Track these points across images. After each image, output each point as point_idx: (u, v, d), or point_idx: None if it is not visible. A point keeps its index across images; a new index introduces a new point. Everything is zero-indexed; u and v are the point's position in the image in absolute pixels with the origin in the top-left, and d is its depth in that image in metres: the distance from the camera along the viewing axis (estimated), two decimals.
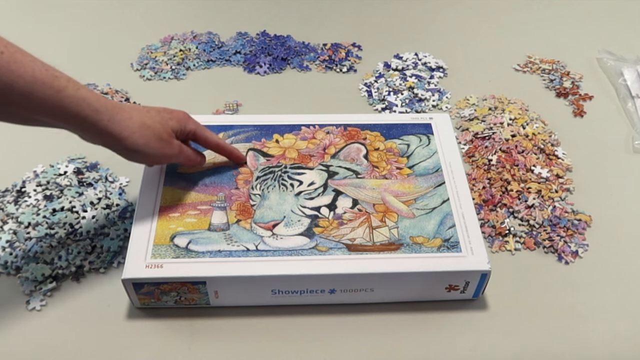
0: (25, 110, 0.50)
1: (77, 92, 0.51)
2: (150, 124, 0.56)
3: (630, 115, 0.85)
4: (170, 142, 0.59)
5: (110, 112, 0.53)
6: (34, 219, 0.67)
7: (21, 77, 0.47)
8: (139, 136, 0.55)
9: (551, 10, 1.07)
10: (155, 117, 0.57)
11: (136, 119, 0.55)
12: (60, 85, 0.49)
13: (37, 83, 0.48)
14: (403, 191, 0.65)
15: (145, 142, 0.56)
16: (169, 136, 0.59)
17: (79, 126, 0.53)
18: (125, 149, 0.56)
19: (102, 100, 0.53)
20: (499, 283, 0.63)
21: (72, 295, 0.62)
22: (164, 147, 0.58)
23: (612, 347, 0.59)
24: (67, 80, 0.50)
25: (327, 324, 0.60)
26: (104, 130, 0.53)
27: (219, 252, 0.59)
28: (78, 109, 0.51)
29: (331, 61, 0.93)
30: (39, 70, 0.48)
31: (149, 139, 0.56)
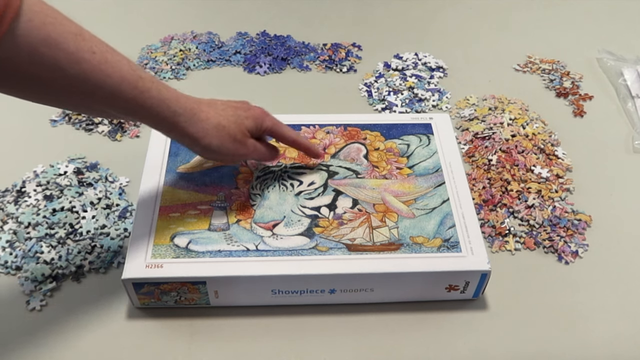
0: (109, 107, 0.51)
1: (159, 94, 0.52)
2: (225, 124, 0.57)
3: (630, 115, 0.85)
4: (244, 142, 0.59)
5: (188, 113, 0.55)
6: (34, 219, 0.67)
7: (110, 77, 0.48)
8: (214, 137, 0.56)
9: (551, 10, 1.07)
10: (231, 117, 0.58)
11: (213, 119, 0.56)
12: (144, 86, 0.51)
13: (123, 83, 0.49)
14: (403, 191, 0.65)
15: (220, 143, 0.57)
16: (244, 136, 0.59)
17: (157, 125, 0.55)
18: (201, 149, 0.57)
19: (182, 101, 0.54)
20: (499, 283, 0.63)
21: (72, 295, 0.62)
22: (237, 148, 0.59)
23: (612, 347, 0.59)
24: (151, 81, 0.52)
25: (327, 324, 0.60)
26: (181, 131, 0.55)
27: (219, 252, 0.59)
28: (158, 110, 0.52)
29: (331, 61, 0.93)
30: (126, 71, 0.50)
31: (224, 140, 0.57)
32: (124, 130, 0.80)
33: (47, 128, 0.80)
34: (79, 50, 0.46)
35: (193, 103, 0.56)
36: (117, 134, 0.80)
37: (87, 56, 0.47)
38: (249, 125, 0.60)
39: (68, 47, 0.45)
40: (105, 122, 0.81)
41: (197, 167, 0.67)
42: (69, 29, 0.46)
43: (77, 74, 0.47)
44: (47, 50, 0.45)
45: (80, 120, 0.81)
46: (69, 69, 0.46)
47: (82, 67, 0.47)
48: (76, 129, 0.80)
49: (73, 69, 0.46)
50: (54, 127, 0.81)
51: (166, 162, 0.67)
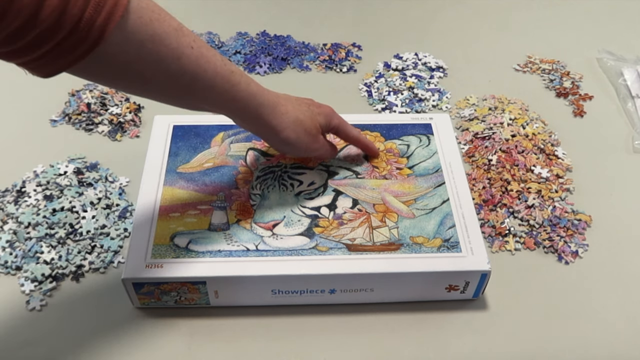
0: (202, 101, 0.54)
1: (248, 87, 0.55)
2: (302, 118, 0.60)
3: (630, 115, 0.85)
4: (317, 137, 0.62)
5: (271, 106, 0.57)
6: (34, 219, 0.67)
7: (206, 71, 0.50)
8: (292, 131, 0.59)
9: (551, 10, 1.07)
10: (306, 112, 0.61)
11: (291, 114, 0.59)
12: (235, 80, 0.53)
13: (217, 77, 0.52)
14: (403, 191, 0.65)
15: (297, 137, 0.60)
16: (317, 131, 0.62)
17: (243, 117, 0.57)
18: (279, 141, 0.60)
19: (266, 94, 0.57)
20: (499, 283, 0.63)
21: (72, 295, 0.62)
22: (311, 142, 0.61)
23: (612, 347, 0.59)
24: (240, 74, 0.54)
25: (327, 324, 0.60)
26: (264, 123, 0.57)
27: (219, 252, 0.59)
28: (247, 103, 0.55)
29: (331, 61, 0.93)
30: (220, 65, 0.52)
31: (300, 134, 0.60)
32: (124, 130, 0.80)
33: (47, 128, 0.80)
34: (180, 45, 0.48)
35: (274, 97, 0.58)
36: (117, 134, 0.80)
37: (186, 51, 0.49)
38: (321, 121, 0.63)
39: (170, 42, 0.47)
40: (105, 122, 0.81)
41: (197, 167, 0.67)
42: (172, 25, 0.48)
43: (177, 68, 0.48)
44: (153, 46, 0.46)
45: (80, 120, 0.81)
46: (170, 64, 0.48)
47: (182, 61, 0.49)
48: (76, 129, 0.80)
49: (174, 64, 0.48)
50: (54, 127, 0.81)
51: (166, 162, 0.67)
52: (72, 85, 0.85)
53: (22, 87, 0.86)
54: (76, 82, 0.86)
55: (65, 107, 0.83)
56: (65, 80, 0.85)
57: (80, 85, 0.86)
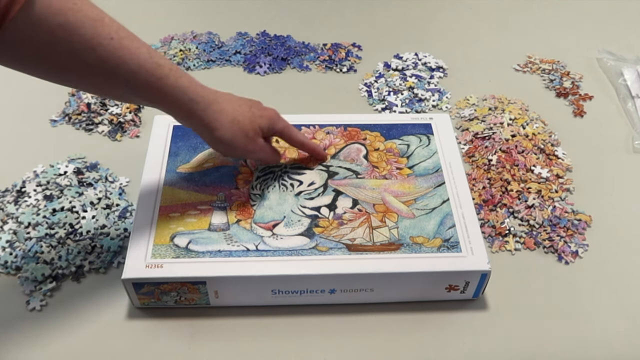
0: (128, 93, 0.53)
1: (177, 81, 0.54)
2: (240, 119, 0.59)
3: (630, 115, 0.85)
4: (254, 139, 0.61)
5: (205, 102, 0.56)
6: (34, 219, 0.67)
7: (126, 63, 0.50)
8: (227, 130, 0.58)
9: (551, 10, 1.07)
10: (246, 114, 0.60)
11: (229, 113, 0.58)
12: (162, 73, 0.52)
13: (141, 70, 0.51)
14: (403, 191, 0.65)
15: (232, 137, 0.59)
16: (255, 134, 0.61)
17: (175, 112, 0.56)
18: (212, 139, 0.59)
19: (199, 90, 0.56)
20: (499, 283, 0.63)
21: (72, 295, 0.62)
22: (247, 144, 0.60)
23: (612, 347, 0.59)
24: (170, 68, 0.53)
25: (327, 324, 0.60)
26: (197, 119, 0.57)
27: (219, 252, 0.59)
28: (175, 97, 0.54)
29: (331, 61, 0.93)
30: (144, 58, 0.51)
31: (236, 135, 0.59)
32: (124, 130, 0.80)
33: (47, 128, 0.81)
34: (96, 36, 0.48)
35: (210, 94, 0.57)
36: (117, 134, 0.80)
37: (104, 42, 0.48)
38: (262, 125, 0.62)
39: (85, 32, 0.47)
40: (105, 122, 0.81)
41: (197, 167, 0.67)
42: (89, 15, 0.48)
43: (94, 59, 0.48)
44: (65, 35, 0.46)
45: (80, 120, 0.81)
46: (86, 54, 0.48)
47: (99, 52, 0.48)
48: (76, 129, 0.80)
49: (90, 54, 0.48)
50: (54, 127, 0.81)
51: (166, 162, 0.67)
52: None
53: (22, 87, 0.86)
54: None
55: (65, 107, 0.83)
56: None
57: None
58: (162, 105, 0.55)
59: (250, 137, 0.60)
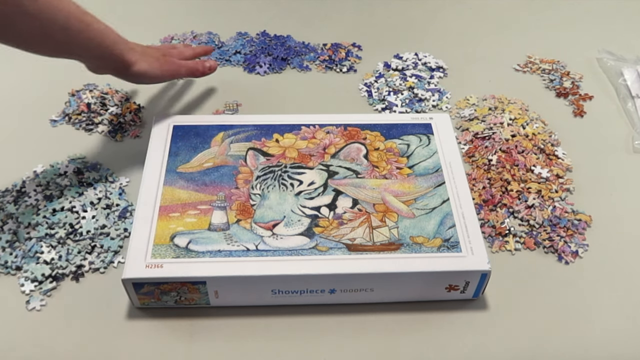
0: (60, 43, 0.61)
1: (99, 26, 0.64)
2: (148, 51, 0.72)
3: (630, 115, 0.85)
4: (167, 59, 0.73)
5: (123, 42, 0.67)
6: (34, 219, 0.67)
7: (60, 11, 0.59)
8: (143, 62, 0.69)
9: (551, 10, 1.07)
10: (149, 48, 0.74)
11: (139, 48, 0.70)
12: (88, 20, 0.62)
13: (71, 18, 0.60)
14: (403, 191, 0.65)
15: (149, 65, 0.70)
16: (165, 57, 0.74)
17: (98, 54, 0.65)
18: (133, 74, 0.69)
19: (115, 33, 0.66)
20: (499, 283, 0.63)
21: (72, 295, 0.62)
22: (163, 65, 0.72)
23: (612, 347, 0.59)
24: (92, 16, 0.63)
25: (327, 324, 0.60)
26: (118, 57, 0.66)
27: (219, 252, 0.59)
28: (101, 40, 0.64)
29: (331, 61, 0.93)
30: (73, 8, 0.60)
31: (151, 62, 0.70)
32: (124, 130, 0.80)
33: (47, 128, 0.80)
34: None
35: (121, 36, 0.68)
36: (117, 134, 0.80)
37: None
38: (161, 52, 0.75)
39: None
40: (105, 122, 0.81)
41: (197, 167, 0.67)
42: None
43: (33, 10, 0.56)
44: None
45: (80, 120, 0.81)
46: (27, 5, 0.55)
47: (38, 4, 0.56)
48: (76, 129, 0.80)
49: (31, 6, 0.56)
50: (54, 127, 0.81)
51: (166, 162, 0.68)
52: (72, 85, 0.86)
53: (22, 87, 0.86)
54: (76, 82, 0.86)
55: (65, 107, 0.83)
56: (65, 80, 0.86)
57: (80, 85, 0.86)
58: (87, 51, 0.64)
59: (162, 59, 0.72)
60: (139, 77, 0.70)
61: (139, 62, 0.69)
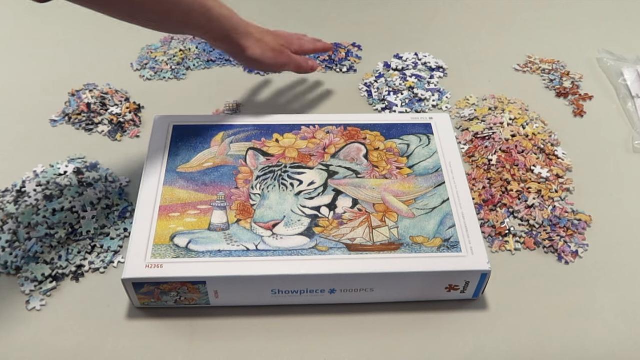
0: (180, 25, 0.66)
1: (220, 10, 0.67)
2: (265, 39, 0.74)
3: (630, 115, 0.85)
4: (282, 51, 0.76)
5: (241, 27, 0.70)
6: (34, 219, 0.67)
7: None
8: (258, 47, 0.72)
9: (551, 10, 1.07)
10: (269, 35, 0.75)
11: (256, 34, 0.73)
12: (210, 4, 0.66)
13: (195, 3, 0.64)
14: (403, 191, 0.65)
15: (262, 53, 0.73)
16: (281, 47, 0.76)
17: (216, 37, 0.70)
18: (247, 58, 0.73)
19: (235, 17, 0.70)
20: (499, 283, 0.63)
21: (72, 295, 0.62)
22: (277, 57, 0.75)
23: (612, 347, 0.59)
24: (214, 0, 0.67)
25: (327, 324, 0.60)
26: (234, 42, 0.70)
27: (219, 252, 0.59)
28: (221, 24, 0.68)
29: (331, 61, 0.93)
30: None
31: (265, 50, 0.73)
32: (124, 130, 0.80)
33: (47, 128, 0.81)
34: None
35: (242, 20, 0.71)
36: (117, 134, 0.80)
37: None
38: (282, 42, 0.77)
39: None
40: (105, 122, 0.81)
41: (197, 167, 0.67)
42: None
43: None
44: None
45: (80, 120, 0.81)
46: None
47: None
48: (76, 129, 0.80)
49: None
50: (54, 127, 0.81)
51: (166, 162, 0.68)
52: (72, 85, 0.86)
53: (22, 87, 0.86)
54: (76, 82, 0.86)
55: (65, 107, 0.83)
56: (65, 80, 0.86)
57: (80, 85, 0.86)
58: (206, 32, 0.68)
59: (277, 50, 0.74)
60: (251, 63, 0.74)
61: (253, 48, 0.71)
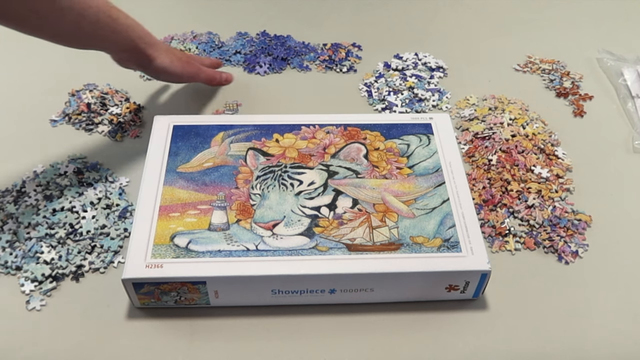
0: (88, 36, 0.65)
1: (126, 20, 0.67)
2: (172, 50, 0.76)
3: (630, 115, 0.85)
4: (189, 62, 0.77)
5: (147, 37, 0.70)
6: (34, 219, 0.67)
7: (91, 7, 0.62)
8: (165, 57, 0.73)
9: (551, 10, 1.07)
10: (174, 48, 0.78)
11: (163, 45, 0.74)
12: (115, 14, 0.65)
13: (100, 12, 0.63)
14: (403, 191, 0.65)
15: (170, 62, 0.73)
16: (188, 57, 0.78)
17: (124, 47, 0.69)
18: (155, 68, 0.72)
19: (141, 27, 0.70)
20: (499, 283, 0.63)
21: (72, 295, 0.62)
22: (184, 66, 0.76)
23: (612, 347, 0.59)
24: (120, 11, 0.66)
25: (327, 324, 0.60)
26: (142, 51, 0.70)
27: (219, 252, 0.59)
28: (127, 35, 0.67)
29: (331, 61, 0.93)
30: (102, 3, 0.64)
31: (173, 60, 0.74)
32: (124, 130, 0.80)
33: (47, 128, 0.80)
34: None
35: (148, 31, 0.71)
36: (117, 134, 0.80)
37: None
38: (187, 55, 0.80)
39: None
40: (105, 122, 0.81)
41: (197, 167, 0.67)
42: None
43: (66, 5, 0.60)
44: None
45: (80, 120, 0.81)
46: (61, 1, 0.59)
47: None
48: (76, 129, 0.80)
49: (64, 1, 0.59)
50: (54, 127, 0.81)
51: (166, 162, 0.68)
52: (72, 85, 0.86)
53: (22, 87, 0.86)
54: (76, 82, 0.86)
55: (65, 107, 0.83)
56: (65, 80, 0.86)
57: (80, 85, 0.86)
58: (115, 43, 0.67)
59: (184, 60, 0.76)
60: (160, 73, 0.74)
61: (162, 57, 0.72)
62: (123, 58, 0.71)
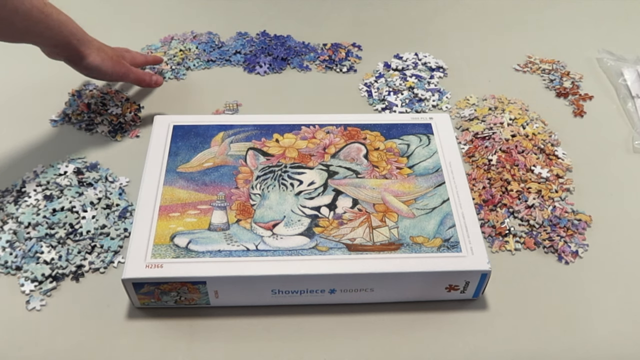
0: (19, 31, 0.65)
1: (59, 17, 0.67)
2: (105, 49, 0.75)
3: (630, 115, 0.85)
4: (120, 62, 0.77)
5: (80, 34, 0.71)
6: (34, 219, 0.67)
7: (24, 3, 0.62)
8: (97, 56, 0.73)
9: (551, 10, 1.07)
10: (107, 47, 0.77)
11: (96, 43, 0.74)
12: (49, 10, 0.65)
13: (33, 9, 0.63)
14: (403, 191, 0.65)
15: (101, 60, 0.74)
16: (119, 57, 0.78)
17: (55, 42, 0.69)
18: (86, 66, 0.73)
19: (74, 24, 0.70)
20: (499, 283, 0.63)
21: (72, 295, 0.62)
22: (115, 66, 0.76)
23: (612, 347, 0.59)
24: (53, 7, 0.67)
25: (327, 324, 0.60)
26: (74, 48, 0.70)
27: (219, 252, 0.59)
28: (59, 31, 0.68)
29: (331, 61, 0.93)
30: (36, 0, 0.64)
31: (104, 59, 0.74)
32: (124, 130, 0.80)
33: (47, 128, 0.81)
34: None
35: (81, 28, 0.71)
36: (117, 134, 0.80)
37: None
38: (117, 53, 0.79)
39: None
40: (105, 122, 0.81)
41: (197, 167, 0.67)
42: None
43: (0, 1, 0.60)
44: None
45: (80, 120, 0.81)
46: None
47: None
48: (76, 129, 0.80)
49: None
50: (54, 127, 0.81)
51: (166, 162, 0.68)
52: (72, 85, 0.86)
53: (22, 87, 0.86)
54: (76, 82, 0.86)
55: (65, 107, 0.83)
56: (65, 80, 0.86)
57: (80, 85, 0.86)
58: (49, 39, 0.68)
59: (115, 60, 0.76)
60: (90, 70, 0.74)
61: (93, 55, 0.72)
62: (53, 52, 0.71)
